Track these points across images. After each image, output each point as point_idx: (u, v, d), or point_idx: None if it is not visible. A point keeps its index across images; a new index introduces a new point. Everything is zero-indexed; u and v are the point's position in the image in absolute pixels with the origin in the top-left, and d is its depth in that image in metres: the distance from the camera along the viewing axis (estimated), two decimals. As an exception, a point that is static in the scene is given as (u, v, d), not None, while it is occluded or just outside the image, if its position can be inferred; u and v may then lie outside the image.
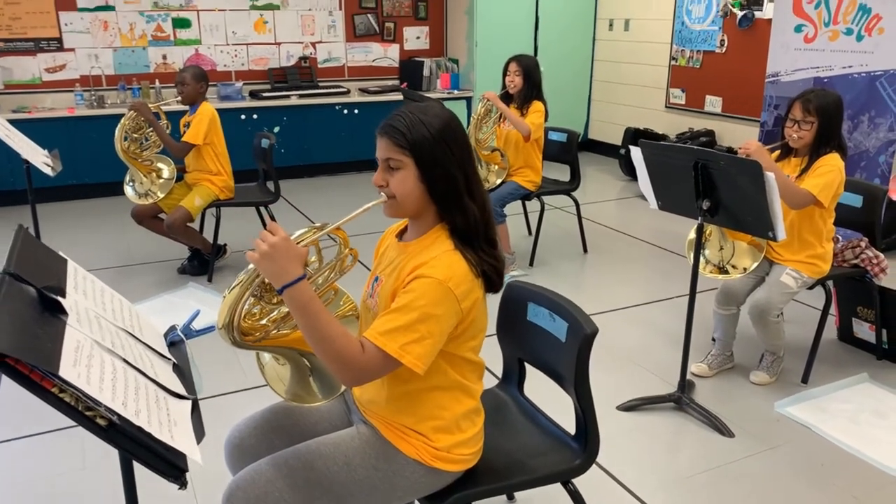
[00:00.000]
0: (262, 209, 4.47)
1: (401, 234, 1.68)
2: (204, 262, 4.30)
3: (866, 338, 3.34)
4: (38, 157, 3.54)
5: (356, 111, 6.79)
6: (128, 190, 4.13)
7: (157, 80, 6.33)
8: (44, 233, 3.96)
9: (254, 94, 6.56)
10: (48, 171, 3.49)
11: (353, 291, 1.74)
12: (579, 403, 1.75)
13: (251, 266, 1.45)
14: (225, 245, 4.49)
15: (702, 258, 2.99)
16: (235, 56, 6.69)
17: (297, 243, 1.44)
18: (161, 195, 4.09)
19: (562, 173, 4.72)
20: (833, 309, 3.39)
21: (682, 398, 2.88)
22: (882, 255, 3.13)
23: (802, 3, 4.13)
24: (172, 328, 1.71)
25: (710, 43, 6.33)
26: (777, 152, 3.05)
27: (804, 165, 2.94)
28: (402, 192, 1.52)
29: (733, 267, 3.00)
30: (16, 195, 5.60)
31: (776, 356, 3.10)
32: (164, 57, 6.43)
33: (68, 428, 2.67)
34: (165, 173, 4.12)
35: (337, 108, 6.72)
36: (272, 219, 4.41)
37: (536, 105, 4.15)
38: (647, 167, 2.84)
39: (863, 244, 3.13)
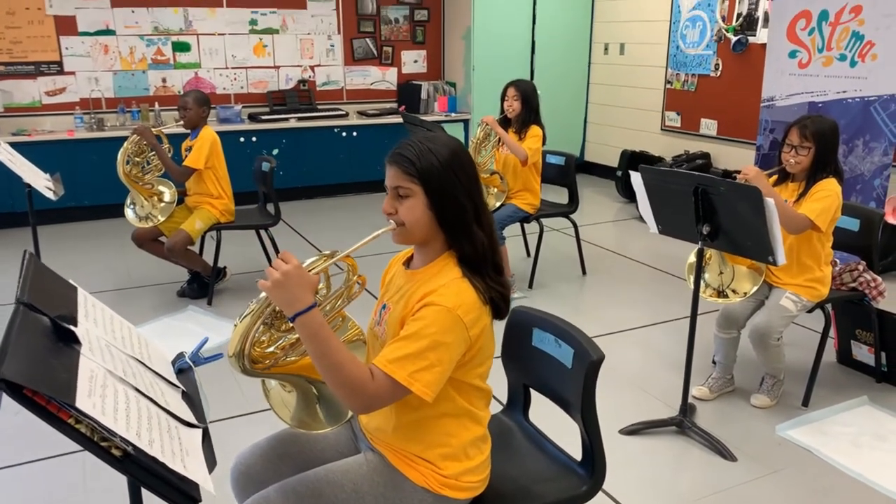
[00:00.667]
0: (262, 232, 4.49)
1: (408, 262, 1.69)
2: (203, 284, 4.30)
3: (865, 360, 3.35)
4: (40, 181, 3.56)
5: (354, 133, 6.84)
6: (128, 213, 4.14)
7: (156, 103, 6.37)
8: (43, 256, 3.96)
9: (253, 117, 6.61)
10: (50, 195, 3.50)
11: (359, 318, 1.75)
12: (586, 430, 1.75)
13: (262, 295, 1.46)
14: (225, 268, 4.49)
15: (702, 282, 3.01)
16: (235, 79, 6.74)
17: (309, 271, 1.45)
18: (161, 218, 4.11)
19: (560, 196, 4.75)
20: (832, 332, 3.41)
21: (684, 422, 2.88)
22: (880, 279, 3.16)
23: (796, 29, 4.21)
24: (181, 355, 1.71)
25: (705, 67, 6.41)
26: (774, 177, 3.09)
27: (801, 190, 2.97)
28: (411, 220, 1.54)
29: (733, 291, 3.03)
30: (14, 217, 5.61)
31: (776, 379, 3.11)
32: (164, 80, 6.48)
33: (69, 454, 2.65)
34: (167, 197, 4.14)
35: (335, 130, 6.77)
36: (272, 241, 4.42)
37: (534, 129, 4.19)
38: (648, 192, 2.87)
39: (860, 267, 3.16)
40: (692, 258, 3.13)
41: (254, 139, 6.42)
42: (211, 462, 1.35)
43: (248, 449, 1.78)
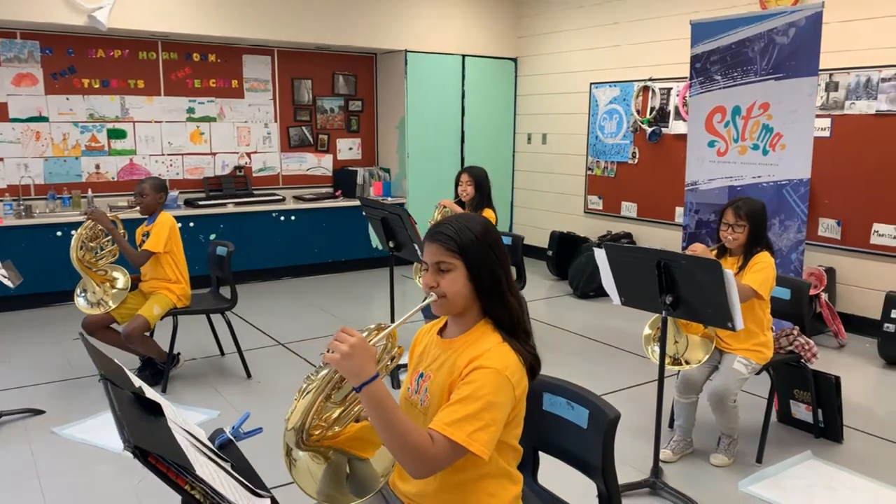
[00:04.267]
0: (215, 316, 4.44)
1: (441, 332, 1.81)
2: (157, 371, 4.18)
3: (803, 418, 3.65)
4: (-7, 269, 3.45)
5: (292, 217, 6.91)
6: (79, 301, 4.02)
7: (89, 190, 6.25)
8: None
9: (189, 203, 6.58)
10: (8, 283, 3.39)
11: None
12: (606, 486, 1.88)
13: (323, 371, 1.54)
14: (178, 354, 4.39)
15: (657, 350, 3.25)
16: (170, 165, 6.73)
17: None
18: (113, 305, 4.01)
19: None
20: (773, 392, 3.70)
21: (656, 483, 3.04)
22: (812, 342, 3.50)
23: (713, 122, 4.72)
24: (220, 430, 1.74)
25: (623, 155, 6.96)
26: (714, 251, 3.42)
27: (740, 263, 3.31)
28: (452, 292, 1.67)
29: (687, 362, 3.27)
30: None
31: (732, 438, 3.34)
32: (98, 166, 6.39)
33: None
34: (120, 283, 4.06)
35: (273, 214, 6.83)
36: (228, 325, 4.37)
37: (487, 212, 4.44)
38: (611, 267, 3.11)
39: (795, 332, 3.50)
40: (648, 330, 3.39)
41: (191, 224, 6.37)
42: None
43: (281, 524, 1.79)
